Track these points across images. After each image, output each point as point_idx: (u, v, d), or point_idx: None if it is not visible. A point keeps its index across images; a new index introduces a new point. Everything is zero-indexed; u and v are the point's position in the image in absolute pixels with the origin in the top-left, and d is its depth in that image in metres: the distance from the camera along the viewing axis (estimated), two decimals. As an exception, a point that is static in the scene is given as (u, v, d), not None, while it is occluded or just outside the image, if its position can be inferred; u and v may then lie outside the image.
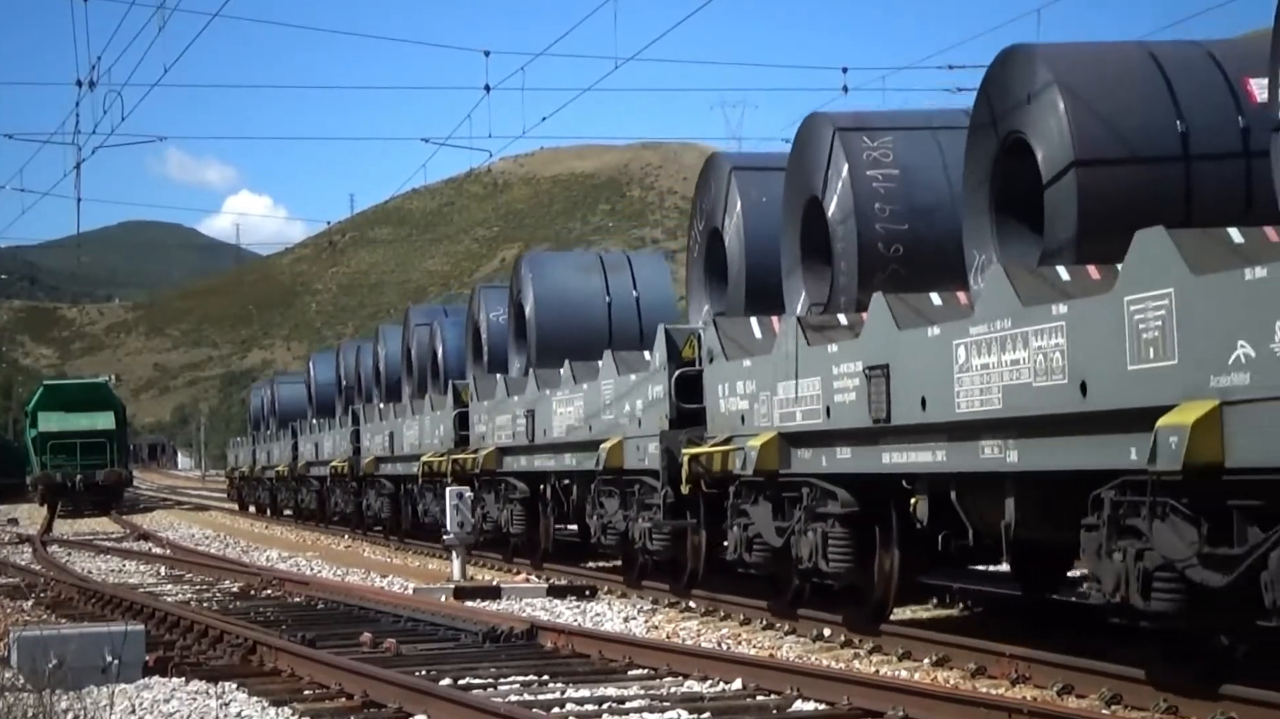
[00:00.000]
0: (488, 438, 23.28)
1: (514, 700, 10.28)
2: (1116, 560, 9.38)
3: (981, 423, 10.75)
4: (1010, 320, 10.37)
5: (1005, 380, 10.41)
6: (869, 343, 12.31)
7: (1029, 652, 10.69)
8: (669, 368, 16.26)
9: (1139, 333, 9.09)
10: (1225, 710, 8.68)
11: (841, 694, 9.74)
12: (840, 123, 14.03)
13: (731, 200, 16.43)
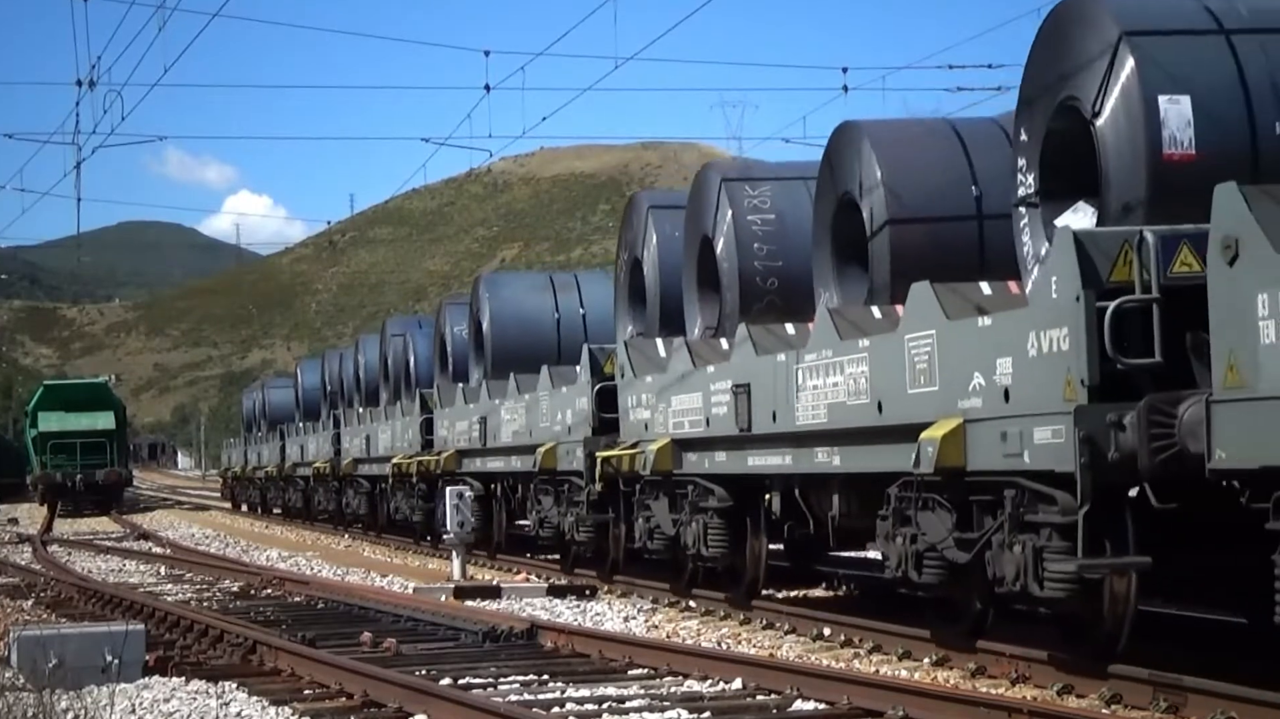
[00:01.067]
0: (449, 442, 25.02)
1: (514, 700, 10.28)
2: (898, 543, 11.62)
3: (815, 433, 12.80)
4: (832, 351, 12.47)
5: (829, 399, 12.51)
6: (736, 365, 14.39)
7: (1029, 651, 10.76)
8: (592, 382, 18.29)
9: (914, 363, 11.20)
10: (1225, 710, 8.77)
11: (841, 694, 9.78)
12: (727, 174, 16.03)
13: (649, 235, 18.17)
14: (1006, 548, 10.27)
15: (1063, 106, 10.65)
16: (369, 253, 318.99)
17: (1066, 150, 10.64)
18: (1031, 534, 10.03)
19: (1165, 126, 9.89)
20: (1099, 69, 10.23)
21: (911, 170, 12.98)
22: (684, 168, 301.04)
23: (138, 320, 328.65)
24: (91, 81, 27.61)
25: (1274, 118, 9.87)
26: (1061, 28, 10.69)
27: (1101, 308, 9.35)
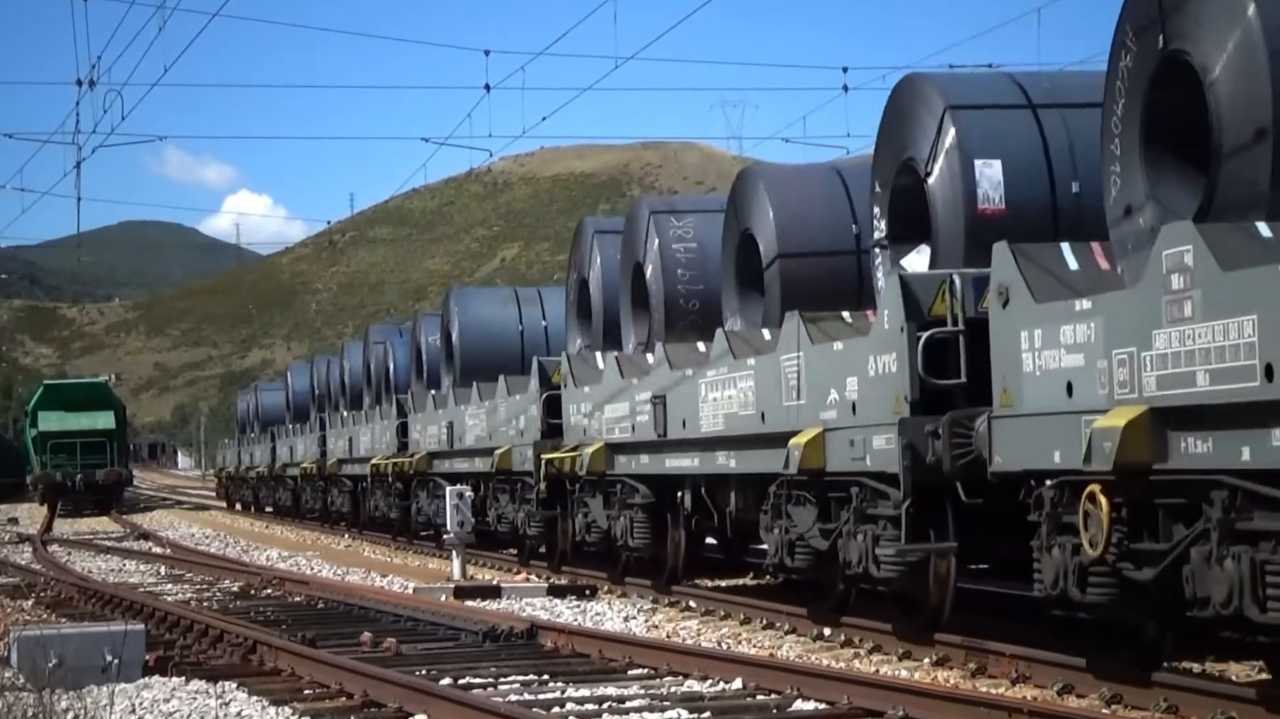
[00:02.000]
0: (421, 444, 27.14)
1: (514, 700, 10.33)
2: (775, 533, 13.48)
3: (716, 439, 14.91)
4: (727, 368, 14.56)
5: (726, 410, 14.59)
6: (655, 378, 16.52)
7: (1029, 651, 10.95)
8: (541, 390, 20.37)
9: (787, 380, 13.26)
10: (1225, 710, 8.96)
11: (841, 694, 9.86)
12: (655, 207, 18.27)
13: (594, 257, 20.32)
14: (853, 536, 12.36)
15: (904, 166, 12.75)
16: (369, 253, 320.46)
17: (908, 202, 12.75)
18: (871, 524, 12.13)
19: (980, 185, 11.99)
20: (930, 136, 12.33)
21: (799, 211, 15.10)
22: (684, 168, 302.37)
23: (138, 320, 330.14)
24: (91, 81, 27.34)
25: (1070, 178, 11.94)
26: (903, 101, 12.79)
27: (920, 337, 11.44)
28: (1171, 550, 8.96)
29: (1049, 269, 10.27)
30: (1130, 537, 9.29)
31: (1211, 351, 8.52)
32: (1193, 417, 8.74)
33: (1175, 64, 9.65)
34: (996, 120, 12.17)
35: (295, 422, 42.93)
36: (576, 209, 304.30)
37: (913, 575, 12.00)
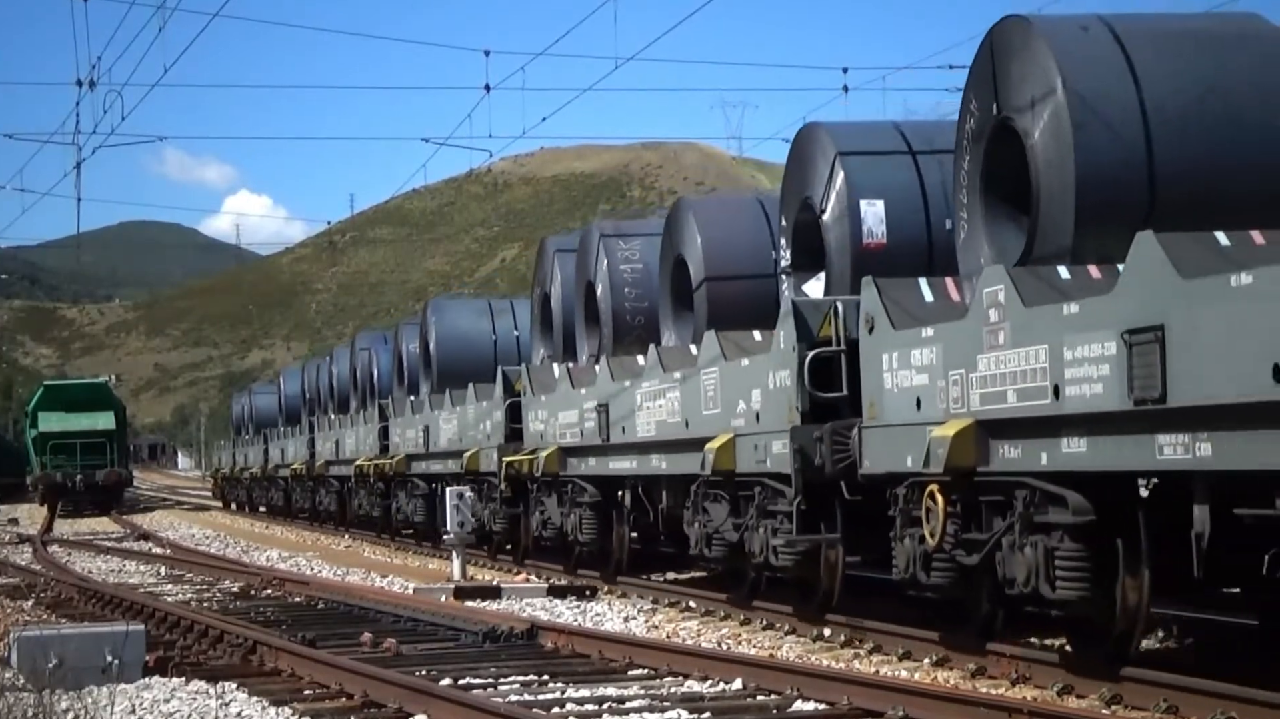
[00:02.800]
0: (401, 446, 28.95)
1: (514, 700, 10.40)
2: (696, 527, 15.32)
3: (650, 443, 16.76)
4: (658, 380, 16.44)
5: (657, 417, 16.44)
6: (599, 388, 18.33)
7: (1029, 652, 11.10)
8: (504, 398, 22.21)
9: (706, 392, 15.10)
10: (1225, 710, 9.09)
11: (841, 694, 9.93)
12: (604, 231, 20.12)
13: (554, 274, 22.07)
14: (756, 529, 14.19)
15: (804, 204, 14.59)
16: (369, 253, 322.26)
17: (807, 236, 14.57)
18: (771, 519, 13.95)
19: (864, 223, 13.81)
20: (824, 179, 14.17)
21: (725, 238, 16.92)
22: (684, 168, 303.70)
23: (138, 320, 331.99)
24: (91, 81, 27.64)
25: (944, 216, 13.73)
26: (803, 147, 14.63)
27: (808, 356, 13.26)
28: (990, 539, 10.78)
29: (906, 301, 12.09)
30: (962, 528, 11.11)
31: (1017, 374, 10.35)
32: (1006, 428, 10.57)
33: (1005, 128, 11.48)
34: (881, 165, 13.99)
35: (287, 424, 44.74)
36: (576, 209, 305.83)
37: (806, 563, 13.81)
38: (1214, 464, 8.79)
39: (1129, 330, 9.21)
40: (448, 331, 27.78)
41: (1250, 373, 8.31)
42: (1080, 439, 9.86)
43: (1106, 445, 9.62)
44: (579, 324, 20.80)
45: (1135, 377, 9.16)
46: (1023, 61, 11.27)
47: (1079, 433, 9.86)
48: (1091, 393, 9.62)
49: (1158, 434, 9.12)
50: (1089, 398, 9.65)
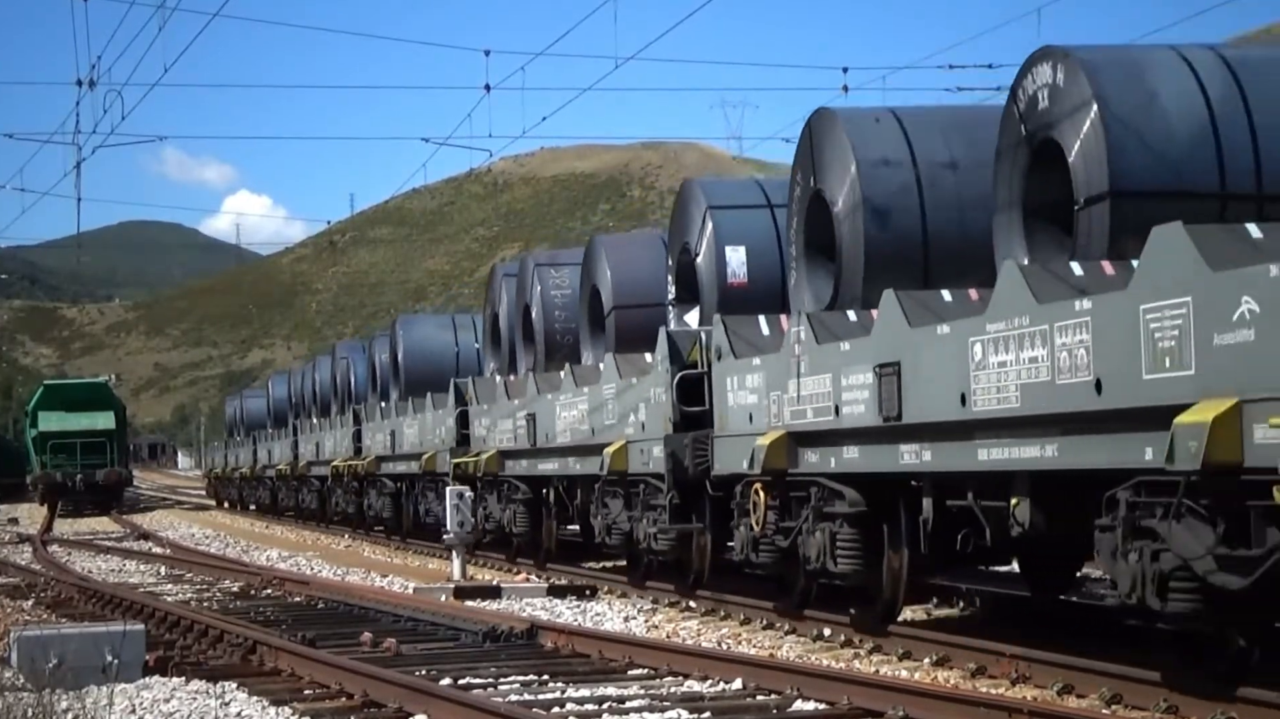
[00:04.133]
0: (372, 448, 31.92)
1: (514, 700, 10.50)
2: (598, 520, 18.28)
3: (566, 447, 19.68)
4: (571, 394, 19.46)
5: (572, 425, 19.39)
6: (529, 400, 21.26)
7: (1029, 651, 11.25)
8: (456, 406, 25.07)
9: (606, 405, 18.00)
10: (1225, 711, 9.21)
11: (841, 694, 10.05)
12: (539, 260, 23.01)
13: (502, 295, 25.14)
14: (641, 520, 17.16)
15: (683, 248, 17.59)
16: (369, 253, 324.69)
17: (686, 274, 17.56)
18: (652, 511, 16.90)
19: (729, 265, 16.78)
20: (698, 227, 17.15)
21: (630, 272, 19.85)
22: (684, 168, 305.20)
23: (138, 320, 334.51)
24: (91, 81, 28.02)
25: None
26: (684, 199, 17.63)
27: (678, 376, 16.22)
28: (796, 527, 13.76)
29: (747, 334, 15.09)
30: (779, 518, 14.09)
31: (813, 396, 13.33)
32: (807, 438, 13.56)
33: (818, 198, 14.46)
34: (744, 216, 16.97)
35: (275, 427, 47.77)
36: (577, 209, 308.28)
37: (680, 548, 16.75)
38: (933, 467, 11.78)
39: (879, 365, 12.20)
40: (414, 344, 30.82)
41: (948, 398, 11.28)
42: (854, 448, 12.86)
43: (869, 453, 12.62)
44: (518, 342, 23.79)
45: (883, 400, 12.14)
46: (830, 145, 14.25)
47: (852, 443, 12.86)
48: (858, 412, 12.61)
49: (899, 444, 12.11)
50: (856, 415, 12.64)
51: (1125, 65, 11.15)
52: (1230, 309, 8.57)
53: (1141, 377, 9.26)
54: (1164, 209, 10.40)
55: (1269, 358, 8.30)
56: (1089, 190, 11.00)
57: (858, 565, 13.00)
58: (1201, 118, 10.89)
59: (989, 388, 10.81)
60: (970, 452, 11.17)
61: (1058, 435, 10.18)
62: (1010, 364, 10.56)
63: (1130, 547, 9.39)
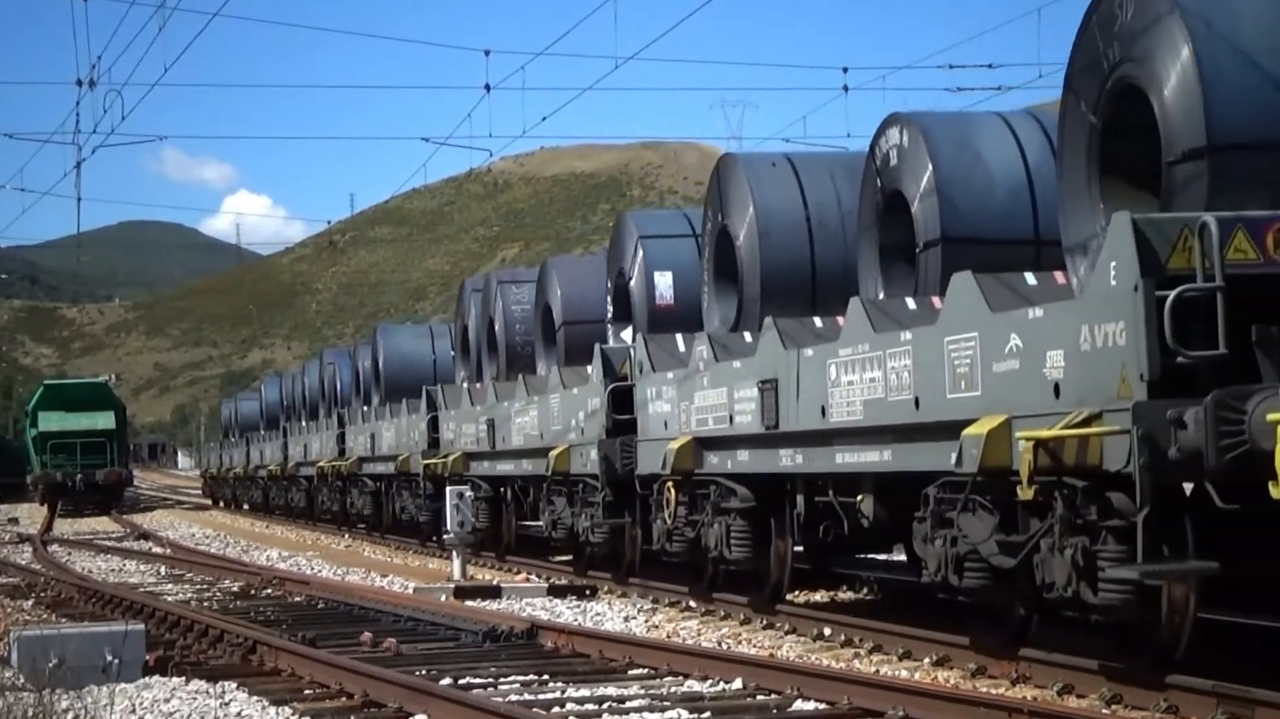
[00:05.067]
0: (354, 450, 34.15)
1: (514, 700, 10.56)
2: (547, 515, 20.70)
3: (520, 450, 21.95)
4: (523, 402, 21.66)
5: (524, 430, 21.72)
6: (489, 406, 23.52)
7: (1029, 652, 11.30)
8: (427, 412, 27.28)
9: (553, 412, 20.16)
10: (1225, 710, 9.33)
11: (841, 694, 10.10)
12: (501, 278, 25.15)
13: (471, 309, 27.16)
14: (581, 515, 19.33)
15: (619, 273, 19.77)
16: (369, 253, 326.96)
17: (622, 296, 19.74)
18: (590, 508, 19.08)
19: (657, 288, 18.94)
20: (631, 255, 19.32)
21: (578, 292, 21.98)
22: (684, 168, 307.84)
23: (138, 320, 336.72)
24: (91, 81, 28.31)
25: (716, 284, 18.83)
26: (619, 230, 19.83)
27: (610, 388, 18.39)
28: (700, 521, 15.93)
29: (665, 351, 17.26)
30: (688, 512, 16.25)
31: (713, 407, 15.51)
32: (709, 443, 15.73)
33: (725, 232, 16.63)
34: (671, 245, 19.13)
35: (267, 429, 49.98)
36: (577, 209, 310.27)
37: (614, 539, 18.93)
38: (803, 469, 13.95)
39: (761, 381, 14.38)
40: (393, 352, 33.06)
41: (813, 411, 13.45)
42: (744, 452, 15.03)
43: (756, 456, 14.79)
44: (484, 352, 25.98)
45: (764, 411, 14.31)
46: (734, 186, 16.43)
47: (743, 447, 15.03)
48: (747, 420, 14.78)
49: (778, 449, 14.28)
50: (745, 424, 14.81)
51: (958, 130, 13.31)
52: (1003, 343, 10.74)
53: (945, 396, 11.43)
54: (987, 253, 12.60)
55: (1027, 384, 10.46)
56: (927, 236, 13.16)
57: (748, 553, 15.17)
58: (1019, 175, 13.03)
59: (842, 402, 12.98)
60: (830, 456, 13.34)
61: (891, 443, 12.35)
62: (856, 383, 12.74)
63: (936, 534, 11.56)
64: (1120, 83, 10.51)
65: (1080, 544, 9.91)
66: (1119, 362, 9.53)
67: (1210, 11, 9.98)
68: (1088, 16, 10.84)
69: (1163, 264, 9.44)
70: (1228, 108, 9.77)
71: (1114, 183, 10.76)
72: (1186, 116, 9.91)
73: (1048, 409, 10.19)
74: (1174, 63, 10.00)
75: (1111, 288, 9.62)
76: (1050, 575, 10.22)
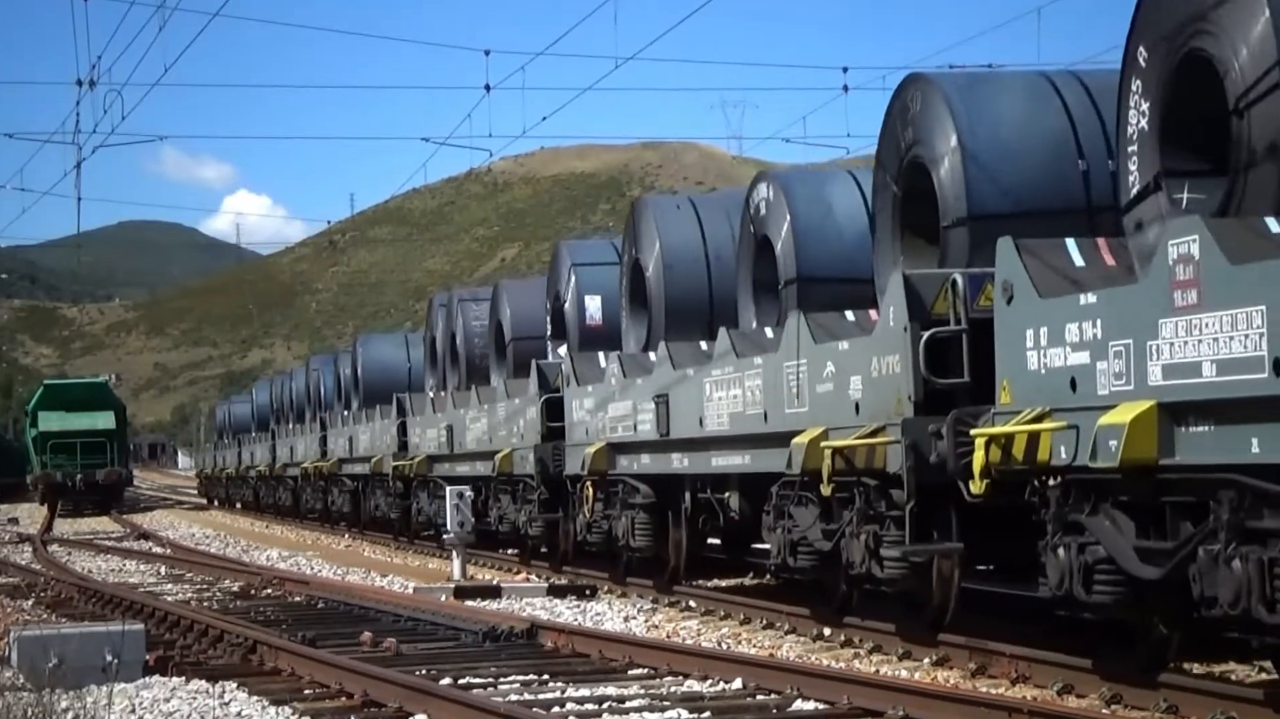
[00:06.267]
0: (335, 452, 36.88)
1: (514, 700, 10.62)
2: (495, 512, 23.21)
3: (473, 453, 24.39)
4: (477, 410, 24.25)
5: (475, 435, 24.17)
6: (448, 413, 26.10)
7: (1029, 652, 11.39)
8: (398, 417, 29.96)
9: (497, 418, 22.76)
10: (1225, 710, 9.38)
11: (841, 694, 10.17)
12: (461, 297, 27.80)
13: (437, 322, 29.62)
14: (522, 511, 21.99)
15: (556, 295, 22.46)
16: (369, 253, 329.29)
17: (558, 317, 22.43)
18: (530, 504, 21.76)
19: (587, 310, 21.60)
20: (564, 280, 22.01)
21: (526, 311, 24.66)
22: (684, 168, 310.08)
23: (138, 320, 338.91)
24: (91, 81, 28.41)
25: (639, 307, 21.50)
26: (555, 257, 22.52)
27: (543, 399, 21.06)
28: (612, 515, 18.61)
29: (588, 367, 19.95)
30: (604, 508, 18.94)
31: (623, 417, 18.21)
32: (620, 447, 18.43)
33: (637, 264, 19.30)
34: (600, 271, 21.79)
35: (258, 431, 52.71)
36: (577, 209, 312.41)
37: (549, 533, 21.64)
38: (688, 470, 16.66)
39: (656, 395, 17.08)
40: (371, 360, 35.81)
41: (693, 421, 16.14)
42: (646, 455, 17.73)
43: (655, 459, 17.50)
44: (448, 363, 28.68)
45: (659, 421, 17.01)
46: (644, 224, 19.12)
47: (645, 451, 17.73)
48: (647, 429, 17.48)
49: (670, 453, 16.98)
50: (646, 432, 17.52)
51: (814, 186, 16.00)
52: (823, 369, 13.43)
53: (784, 411, 14.12)
54: (835, 291, 15.27)
55: (838, 402, 13.14)
56: (786, 275, 15.83)
57: (650, 541, 17.87)
58: (863, 224, 15.68)
59: (714, 414, 15.68)
60: (707, 459, 16.04)
61: (749, 449, 15.04)
62: (724, 399, 15.44)
63: (777, 524, 14.25)
64: (912, 160, 13.19)
65: (871, 530, 12.61)
66: (896, 386, 12.22)
67: (974, 108, 12.67)
68: (890, 104, 13.53)
69: (928, 310, 12.12)
70: (983, 185, 12.44)
71: (910, 239, 13.45)
72: (954, 191, 12.59)
73: (851, 423, 12.88)
74: (946, 147, 12.69)
75: (890, 328, 12.32)
76: (852, 556, 12.92)
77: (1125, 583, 9.83)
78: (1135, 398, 9.39)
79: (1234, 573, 8.75)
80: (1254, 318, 8.51)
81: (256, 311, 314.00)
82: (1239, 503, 8.75)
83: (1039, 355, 10.45)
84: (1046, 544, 10.42)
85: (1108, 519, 9.92)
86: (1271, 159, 9.29)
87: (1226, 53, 9.59)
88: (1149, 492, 9.55)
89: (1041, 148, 12.56)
